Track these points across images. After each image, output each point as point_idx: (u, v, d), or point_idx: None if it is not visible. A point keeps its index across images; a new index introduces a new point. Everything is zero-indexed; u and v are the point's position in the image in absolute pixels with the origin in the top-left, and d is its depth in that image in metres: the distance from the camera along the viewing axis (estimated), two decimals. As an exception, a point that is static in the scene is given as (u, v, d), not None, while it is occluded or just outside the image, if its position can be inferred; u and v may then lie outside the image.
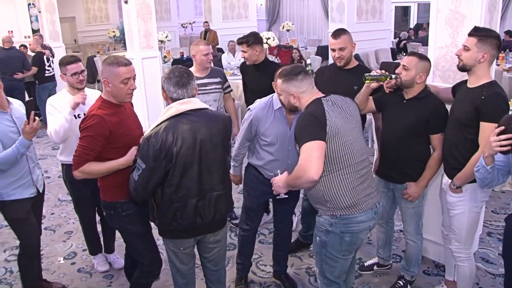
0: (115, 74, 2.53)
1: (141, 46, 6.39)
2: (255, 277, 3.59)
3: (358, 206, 2.40)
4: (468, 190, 2.79)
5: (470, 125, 2.67)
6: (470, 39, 2.66)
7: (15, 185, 3.01)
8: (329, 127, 2.31)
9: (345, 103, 2.50)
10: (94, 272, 3.75)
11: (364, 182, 2.43)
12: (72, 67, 3.24)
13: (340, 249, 2.47)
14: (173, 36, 12.89)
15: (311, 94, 2.49)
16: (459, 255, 2.94)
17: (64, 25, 12.73)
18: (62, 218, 4.76)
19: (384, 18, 9.35)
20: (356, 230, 2.43)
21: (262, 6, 17.03)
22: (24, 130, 2.83)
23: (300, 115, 2.45)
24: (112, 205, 2.69)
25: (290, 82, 2.48)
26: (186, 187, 2.39)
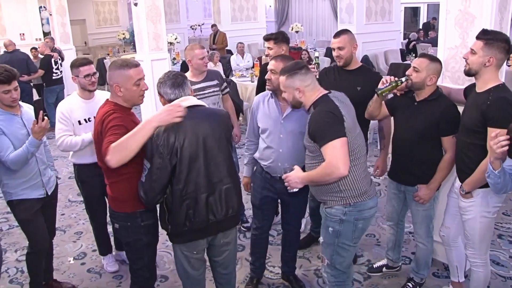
0: (127, 77, 2.48)
1: (151, 48, 6.42)
2: (263, 279, 3.59)
3: (368, 192, 2.57)
4: (479, 195, 2.73)
5: (478, 130, 2.62)
6: (477, 43, 2.61)
7: (25, 186, 3.05)
8: (346, 122, 2.43)
9: (345, 98, 2.63)
10: (104, 273, 3.78)
11: (366, 171, 2.63)
12: (85, 69, 3.29)
13: (353, 236, 2.60)
14: (182, 38, 12.95)
15: (316, 90, 2.57)
16: (474, 261, 2.89)
17: (74, 28, 12.86)
18: (72, 219, 4.80)
19: (394, 19, 9.31)
20: (368, 216, 2.60)
21: (271, 8, 17.06)
22: (33, 130, 2.86)
23: (316, 113, 2.48)
24: (131, 215, 2.58)
25: (295, 76, 2.53)
26: (195, 182, 2.41)
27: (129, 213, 2.58)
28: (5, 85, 2.86)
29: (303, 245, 3.98)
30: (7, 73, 2.87)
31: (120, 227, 2.64)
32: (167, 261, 3.84)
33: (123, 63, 2.51)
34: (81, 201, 5.16)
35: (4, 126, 2.90)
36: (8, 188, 3.04)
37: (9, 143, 2.89)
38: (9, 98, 2.91)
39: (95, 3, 16.07)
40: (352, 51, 3.35)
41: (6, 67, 2.93)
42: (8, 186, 3.03)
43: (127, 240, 2.68)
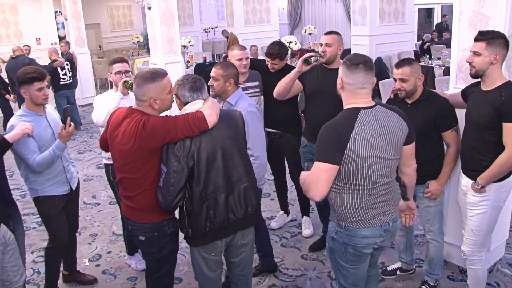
0: (162, 88, 2.43)
1: (164, 51, 6.49)
2: (277, 281, 3.59)
3: (365, 221, 2.29)
4: (492, 189, 2.79)
5: (491, 127, 2.67)
6: (478, 44, 2.67)
7: (51, 182, 3.17)
8: (350, 149, 2.16)
9: (390, 119, 2.27)
10: (118, 274, 3.82)
11: (379, 201, 2.31)
12: (117, 66, 3.50)
13: (346, 258, 2.38)
14: (196, 41, 13.00)
15: (354, 98, 2.27)
16: (473, 258, 2.94)
17: (89, 32, 13.00)
18: (87, 221, 4.85)
19: (407, 21, 9.25)
20: (359, 244, 2.32)
21: (284, 10, 17.06)
22: (61, 134, 3.03)
23: (326, 125, 2.26)
24: (158, 225, 2.56)
25: (344, 67, 2.29)
26: (214, 183, 2.42)
27: (156, 223, 2.55)
28: (40, 82, 3.00)
29: (316, 247, 3.98)
30: (40, 71, 3.04)
31: (146, 239, 2.58)
32: (181, 263, 3.87)
33: (154, 75, 2.43)
34: (96, 203, 5.24)
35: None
36: (35, 185, 3.15)
37: (36, 147, 3.00)
38: (42, 95, 3.04)
39: (110, 7, 16.24)
40: (337, 51, 3.49)
41: (37, 67, 3.12)
42: (35, 183, 3.14)
43: (152, 251, 2.62)
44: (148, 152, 2.38)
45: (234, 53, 3.78)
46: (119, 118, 2.51)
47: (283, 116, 3.94)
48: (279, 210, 4.55)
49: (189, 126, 2.33)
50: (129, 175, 2.48)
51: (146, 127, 2.35)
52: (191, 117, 2.35)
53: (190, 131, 2.33)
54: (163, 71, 2.50)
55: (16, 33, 11.21)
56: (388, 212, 2.35)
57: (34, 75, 2.98)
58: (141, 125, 2.35)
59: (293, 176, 4.18)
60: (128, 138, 2.39)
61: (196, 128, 2.33)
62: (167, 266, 2.71)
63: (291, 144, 4.00)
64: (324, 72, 3.52)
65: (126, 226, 2.68)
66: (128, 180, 2.50)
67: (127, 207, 2.59)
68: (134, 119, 2.41)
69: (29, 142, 2.96)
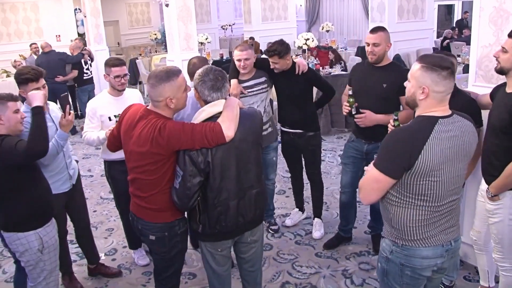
0: (178, 86, 2.39)
1: (182, 48, 6.51)
2: (291, 278, 3.59)
3: (426, 240, 2.09)
4: (507, 197, 2.67)
5: (507, 132, 2.55)
6: (509, 41, 2.55)
7: (54, 180, 3.16)
8: (421, 161, 1.95)
9: (467, 129, 2.08)
10: (134, 269, 3.85)
11: (443, 218, 2.10)
12: (116, 70, 3.40)
13: (402, 282, 2.16)
14: (213, 38, 13.03)
15: (439, 105, 2.03)
16: (503, 265, 2.82)
17: (108, 29, 13.13)
18: (104, 216, 4.90)
19: (426, 17, 9.11)
20: (418, 265, 2.11)
21: (301, 7, 16.98)
22: (61, 123, 3.01)
23: (397, 131, 2.11)
24: (170, 225, 2.55)
25: (431, 72, 1.98)
26: (227, 190, 2.41)
27: (167, 223, 2.54)
28: (34, 82, 2.98)
29: (330, 245, 3.97)
30: (34, 72, 3.01)
31: (157, 238, 2.57)
32: (195, 258, 3.89)
33: (169, 74, 2.38)
34: (113, 198, 5.30)
35: None
36: None
37: None
38: None
39: (128, 4, 16.36)
40: (386, 49, 3.37)
41: (32, 66, 3.09)
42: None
43: (162, 250, 2.61)
44: (164, 156, 2.37)
45: (234, 53, 3.78)
46: (135, 118, 2.47)
47: (301, 115, 3.91)
48: (293, 208, 4.55)
49: (206, 140, 2.29)
50: (144, 177, 2.46)
51: (162, 133, 2.31)
52: (209, 130, 2.28)
53: (206, 143, 2.29)
54: (177, 69, 2.46)
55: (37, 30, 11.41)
56: (451, 230, 2.14)
57: (28, 76, 2.97)
58: (157, 131, 2.32)
59: (309, 173, 4.17)
60: (144, 141, 2.37)
61: (214, 142, 2.30)
62: (176, 266, 2.71)
63: (311, 144, 3.98)
64: (370, 70, 3.42)
65: (136, 225, 2.65)
66: (143, 181, 2.48)
67: (139, 206, 2.57)
68: (151, 122, 2.37)
69: None
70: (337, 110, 7.18)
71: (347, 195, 3.82)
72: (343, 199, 3.86)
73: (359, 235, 4.16)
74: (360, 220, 4.38)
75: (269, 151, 4.01)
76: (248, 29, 11.92)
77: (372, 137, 3.46)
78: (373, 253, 3.83)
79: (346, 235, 4.00)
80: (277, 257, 3.88)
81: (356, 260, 3.77)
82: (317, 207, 4.26)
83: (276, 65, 3.74)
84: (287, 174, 4.68)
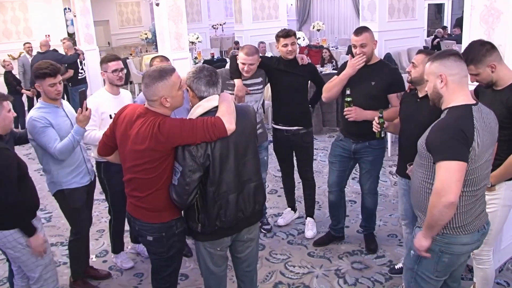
0: (172, 85, 2.37)
1: (172, 48, 6.48)
2: (283, 278, 3.57)
3: (466, 227, 2.19)
4: (503, 188, 2.74)
5: (505, 127, 2.61)
6: (469, 68, 2.58)
7: (74, 174, 3.24)
8: (473, 147, 2.07)
9: (490, 117, 2.22)
10: (125, 270, 3.81)
11: (477, 203, 2.22)
12: (113, 64, 3.45)
13: (435, 269, 2.25)
14: (204, 37, 13.00)
15: (462, 89, 2.18)
16: (481, 258, 2.90)
17: (98, 28, 13.05)
18: (94, 217, 4.82)
19: (417, 16, 9.15)
20: (458, 252, 2.22)
21: (292, 6, 16.99)
22: (78, 119, 3.06)
23: (445, 120, 2.15)
24: (168, 224, 2.52)
25: (440, 61, 2.18)
26: (226, 182, 2.41)
27: (164, 223, 2.51)
28: (51, 78, 3.07)
29: (320, 243, 3.99)
30: (52, 67, 3.09)
31: (154, 239, 2.54)
32: (188, 260, 3.86)
33: (162, 73, 2.36)
34: (103, 199, 5.24)
35: (51, 118, 3.09)
36: (60, 178, 3.19)
37: (56, 135, 3.06)
38: (54, 91, 3.10)
39: (118, 4, 16.29)
40: (373, 47, 3.43)
41: (51, 62, 3.16)
42: (59, 176, 3.19)
43: (160, 251, 2.58)
44: (163, 153, 2.35)
45: (239, 55, 3.72)
46: (133, 117, 2.44)
47: (295, 112, 3.91)
48: (286, 207, 4.53)
49: (208, 134, 2.28)
50: (142, 176, 2.42)
51: (162, 130, 2.29)
52: (210, 124, 2.29)
53: (208, 137, 2.29)
54: (170, 67, 2.44)
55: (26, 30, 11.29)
56: (483, 214, 2.26)
57: (46, 71, 3.05)
58: (156, 127, 2.30)
59: (302, 172, 4.16)
60: (142, 139, 2.34)
61: (215, 136, 2.30)
62: (174, 265, 2.69)
63: (305, 141, 3.98)
64: (360, 69, 3.42)
65: (133, 226, 2.63)
66: (140, 181, 2.45)
67: (136, 206, 2.54)
68: (149, 120, 2.35)
69: (50, 131, 3.04)
70: (329, 109, 7.19)
71: (335, 194, 3.82)
72: (331, 199, 3.86)
73: (352, 234, 4.15)
74: (352, 219, 4.38)
75: (261, 150, 3.99)
76: (238, 29, 11.89)
77: (360, 136, 3.48)
78: (365, 252, 3.83)
79: (338, 234, 4.00)
80: (270, 257, 3.87)
81: (349, 259, 3.77)
82: (309, 206, 4.25)
83: (293, 46, 3.79)
84: (279, 174, 4.66)
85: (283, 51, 3.80)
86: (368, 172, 3.65)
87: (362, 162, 3.64)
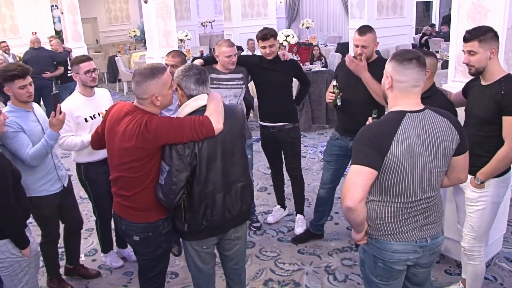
0: (163, 83, 2.35)
1: (161, 45, 6.45)
2: (273, 275, 3.58)
3: (398, 235, 2.10)
4: (491, 185, 2.77)
5: (493, 122, 2.64)
6: (470, 44, 2.64)
7: (43, 181, 3.11)
8: (390, 157, 1.96)
9: (439, 126, 2.06)
10: (114, 269, 3.79)
11: (418, 215, 2.11)
12: (85, 65, 3.30)
13: (376, 273, 2.20)
14: (193, 35, 12.94)
15: (405, 98, 2.05)
16: (472, 254, 2.92)
17: (86, 26, 12.93)
18: (83, 216, 4.78)
19: (405, 14, 9.21)
20: (389, 259, 2.13)
21: (281, 4, 16.99)
22: (52, 122, 2.93)
23: (366, 128, 2.11)
24: (154, 224, 2.50)
25: (395, 62, 2.05)
26: (213, 182, 2.40)
27: (151, 223, 2.49)
28: (21, 79, 2.91)
29: (298, 240, 4.03)
30: (21, 68, 2.93)
31: (141, 239, 2.52)
32: (178, 258, 3.84)
33: (154, 71, 2.34)
34: (92, 198, 5.20)
35: (21, 123, 2.94)
36: (28, 184, 3.02)
37: (28, 140, 2.93)
38: (25, 93, 2.95)
39: (106, 1, 16.15)
40: (373, 49, 3.42)
41: (19, 63, 3.03)
42: (27, 182, 3.01)
43: (147, 251, 2.56)
44: (150, 152, 2.33)
45: (223, 50, 3.73)
46: (121, 114, 2.42)
47: (280, 108, 3.92)
48: (275, 204, 4.53)
49: (196, 133, 2.26)
50: (129, 174, 2.40)
51: (149, 128, 2.27)
52: (198, 123, 2.27)
53: (195, 137, 2.28)
54: (162, 65, 2.43)
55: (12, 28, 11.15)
56: (428, 227, 2.14)
57: (15, 73, 2.88)
58: (143, 125, 2.28)
59: (289, 169, 4.16)
60: (129, 137, 2.32)
61: (203, 135, 2.28)
62: (161, 266, 2.67)
63: (290, 136, 3.98)
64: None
65: (119, 225, 2.60)
66: (127, 179, 2.43)
67: (122, 206, 2.51)
68: (136, 117, 2.33)
69: (21, 136, 2.90)
70: (318, 107, 7.21)
71: (326, 190, 3.83)
72: (321, 195, 3.87)
73: (341, 231, 4.17)
74: (342, 216, 4.40)
75: None
76: (228, 26, 11.86)
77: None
78: (355, 249, 3.84)
79: (317, 232, 4.00)
80: (260, 254, 3.87)
81: (338, 256, 3.78)
82: (299, 203, 4.25)
83: (272, 48, 3.79)
84: (268, 171, 4.66)
85: (262, 52, 3.86)
86: None
87: None
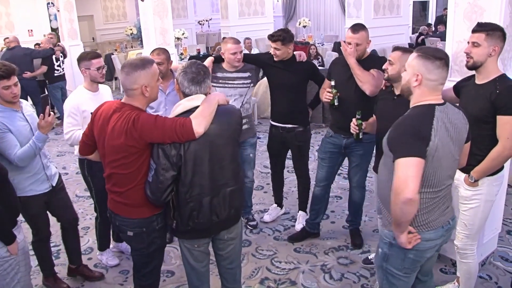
0: (153, 74, 2.40)
1: (158, 43, 6.42)
2: (270, 274, 3.58)
3: (430, 224, 2.20)
4: (485, 183, 2.78)
5: (488, 121, 2.65)
6: (477, 35, 2.63)
7: (31, 181, 3.08)
8: (430, 148, 2.03)
9: (457, 117, 2.19)
10: (111, 267, 3.79)
11: (440, 202, 2.21)
12: (97, 61, 3.34)
13: (402, 265, 2.26)
14: (190, 33, 12.92)
15: (433, 94, 2.14)
16: (465, 252, 2.93)
17: (82, 24, 12.90)
18: (79, 214, 4.77)
19: (402, 13, 9.24)
20: (422, 248, 2.22)
21: (278, 3, 16.97)
22: (40, 125, 2.91)
23: (402, 119, 2.15)
24: (148, 220, 2.51)
25: (424, 60, 2.11)
26: (199, 185, 2.38)
27: (145, 218, 2.50)
28: (5, 80, 2.86)
29: (294, 238, 4.03)
30: (5, 68, 2.87)
31: (135, 234, 2.54)
32: (174, 256, 3.85)
33: (144, 61, 2.39)
34: (88, 196, 5.19)
35: (8, 123, 2.91)
36: (16, 184, 2.99)
37: (16, 141, 2.91)
38: (9, 93, 2.91)
39: (103, -1, 16.12)
40: (366, 47, 3.42)
41: (4, 62, 2.95)
42: (15, 182, 2.98)
43: (141, 246, 2.58)
44: (139, 149, 2.34)
45: (228, 47, 3.72)
46: (109, 112, 2.44)
47: (289, 109, 3.88)
48: (272, 203, 4.54)
49: (176, 135, 2.27)
50: (120, 171, 2.42)
51: (135, 125, 2.29)
52: (179, 125, 2.26)
53: (176, 139, 2.28)
54: (150, 58, 2.48)
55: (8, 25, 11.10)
56: (447, 210, 2.26)
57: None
58: (131, 123, 2.29)
59: (296, 168, 4.18)
60: (118, 134, 2.34)
61: (183, 138, 2.28)
62: (155, 262, 2.67)
63: (298, 140, 3.96)
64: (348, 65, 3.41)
65: (114, 221, 2.61)
66: (119, 176, 2.44)
67: (116, 202, 2.53)
68: (124, 114, 2.34)
69: (9, 137, 2.88)
70: (315, 106, 7.21)
71: (321, 188, 3.83)
72: (316, 193, 3.87)
73: (338, 229, 4.18)
74: (338, 215, 4.41)
75: (246, 147, 3.99)
76: (225, 25, 11.85)
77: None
78: (351, 248, 3.86)
79: (313, 231, 4.01)
80: (256, 253, 3.87)
81: (334, 255, 3.79)
82: (302, 201, 4.27)
83: (277, 51, 3.73)
84: (265, 170, 4.67)
85: (271, 52, 3.81)
86: (357, 165, 3.67)
87: (352, 156, 3.66)
